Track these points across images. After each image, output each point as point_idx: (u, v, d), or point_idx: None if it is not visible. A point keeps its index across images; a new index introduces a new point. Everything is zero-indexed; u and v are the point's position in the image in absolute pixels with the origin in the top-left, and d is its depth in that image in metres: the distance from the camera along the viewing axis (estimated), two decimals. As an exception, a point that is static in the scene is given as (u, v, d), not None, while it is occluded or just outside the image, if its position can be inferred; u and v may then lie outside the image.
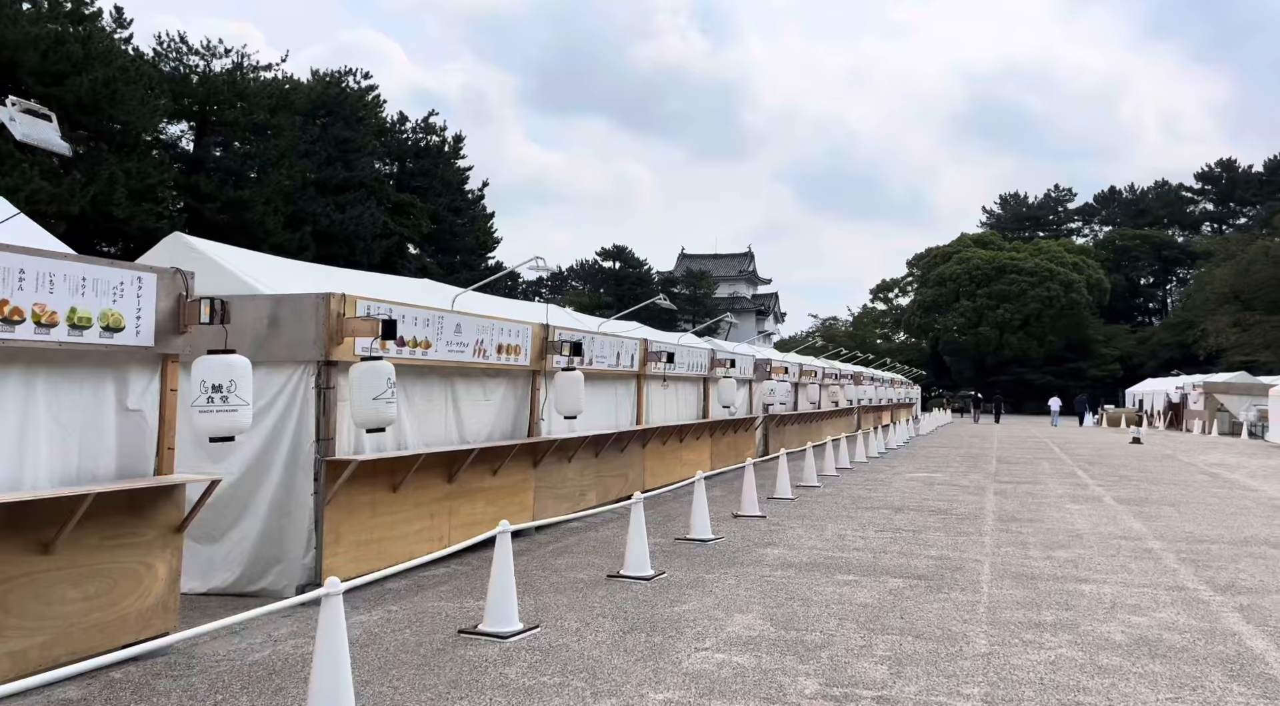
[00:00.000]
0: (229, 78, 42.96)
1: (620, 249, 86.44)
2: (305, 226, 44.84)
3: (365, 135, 49.99)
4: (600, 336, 11.82)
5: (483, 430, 9.37)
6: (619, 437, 12.33)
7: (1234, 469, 20.47)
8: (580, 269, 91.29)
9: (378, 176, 50.93)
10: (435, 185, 55.12)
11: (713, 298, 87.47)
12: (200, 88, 42.45)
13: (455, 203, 55.98)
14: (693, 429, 15.57)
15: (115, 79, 33.44)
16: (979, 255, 70.35)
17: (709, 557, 8.90)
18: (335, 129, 48.45)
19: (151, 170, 37.07)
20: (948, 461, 21.37)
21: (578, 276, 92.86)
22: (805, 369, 24.13)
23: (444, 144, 55.98)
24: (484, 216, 58.93)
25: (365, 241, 47.48)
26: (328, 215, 45.77)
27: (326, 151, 47.60)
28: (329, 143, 47.86)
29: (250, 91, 43.57)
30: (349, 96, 49.34)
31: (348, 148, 48.71)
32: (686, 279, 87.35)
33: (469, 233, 57.01)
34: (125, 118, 35.63)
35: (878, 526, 11.01)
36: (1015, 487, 15.62)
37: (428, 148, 55.69)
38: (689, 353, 15.51)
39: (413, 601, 7.06)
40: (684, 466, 15.14)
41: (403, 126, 55.57)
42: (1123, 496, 14.57)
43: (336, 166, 47.47)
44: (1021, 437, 33.40)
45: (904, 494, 14.43)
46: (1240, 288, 54.25)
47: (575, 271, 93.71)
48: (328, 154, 47.53)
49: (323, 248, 44.85)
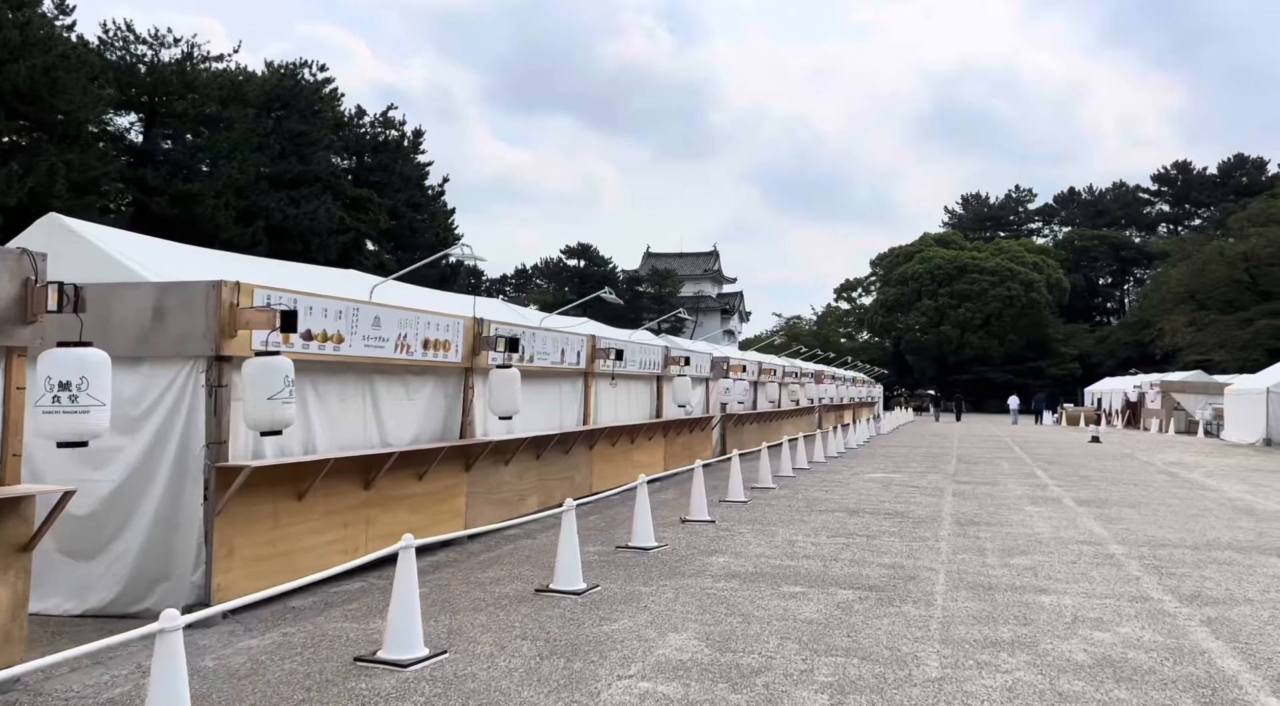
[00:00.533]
0: (178, 68, 41.66)
1: (584, 247, 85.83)
2: (258, 221, 43.68)
3: (321, 128, 48.82)
4: (542, 332, 11.18)
5: (407, 432, 8.70)
6: (563, 438, 11.70)
7: (1192, 468, 20.28)
8: (545, 267, 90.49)
9: (334, 171, 49.77)
10: (394, 180, 54.08)
11: (678, 296, 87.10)
12: (148, 78, 41.14)
13: (414, 198, 54.97)
14: (645, 429, 14.98)
15: (55, 67, 32.14)
16: (941, 255, 70.57)
17: (649, 568, 8.30)
18: (290, 122, 47.26)
19: (95, 162, 35.79)
20: (907, 461, 20.98)
21: (542, 274, 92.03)
22: (764, 367, 23.65)
23: (403, 138, 54.93)
24: (444, 212, 57.95)
25: (321, 237, 46.37)
26: (281, 210, 44.63)
27: (281, 145, 46.42)
28: (283, 136, 46.68)
29: (200, 82, 42.29)
30: (304, 89, 48.17)
31: (303, 141, 47.54)
32: (651, 277, 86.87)
33: (429, 229, 55.98)
34: (67, 107, 34.29)
35: (831, 531, 10.49)
36: (974, 488, 15.21)
37: (386, 142, 54.63)
38: (641, 350, 14.92)
39: (315, 622, 6.38)
40: (635, 468, 14.53)
41: (360, 120, 54.42)
42: (1083, 497, 14.21)
43: (291, 160, 46.33)
44: (982, 436, 33.22)
45: (861, 496, 13.95)
46: (1195, 287, 54.77)
47: (540, 270, 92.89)
48: (282, 147, 46.35)
49: (276, 243, 43.73)
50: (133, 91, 41.05)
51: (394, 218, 53.23)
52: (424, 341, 8.59)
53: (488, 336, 9.54)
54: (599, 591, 7.32)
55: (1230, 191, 77.97)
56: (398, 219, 53.44)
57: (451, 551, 9.02)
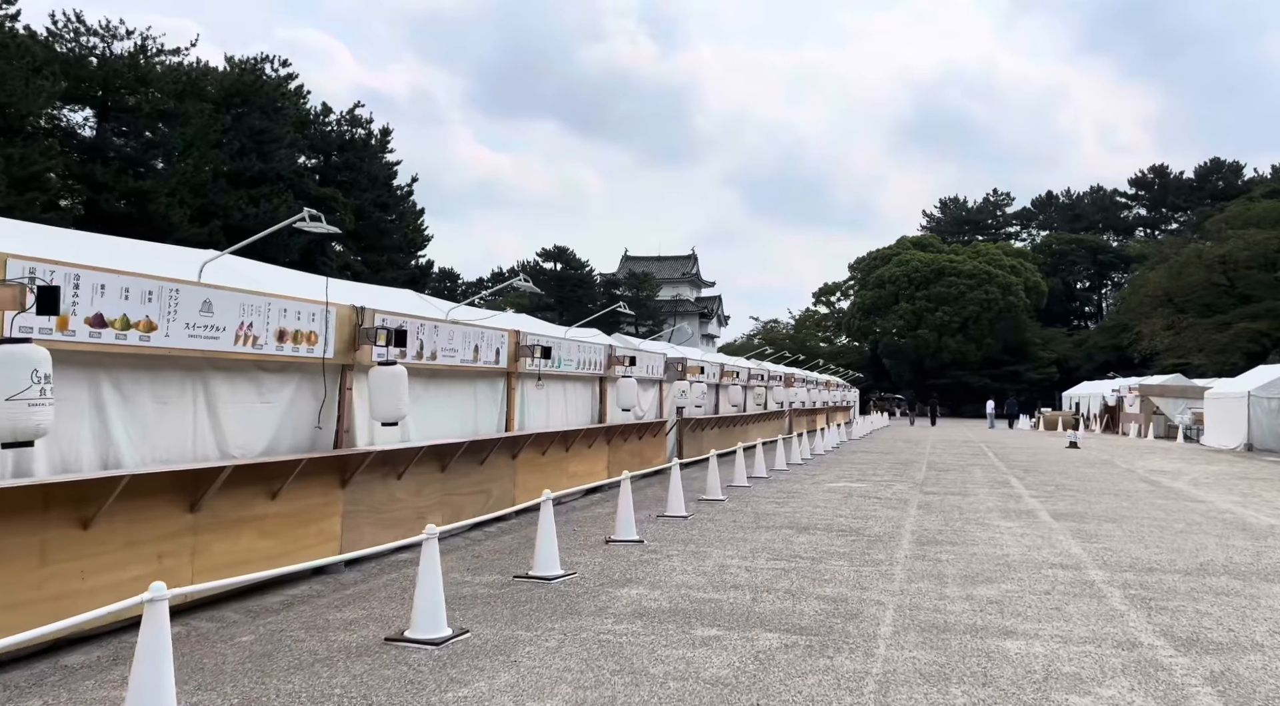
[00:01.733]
0: (131, 61, 39.93)
1: (561, 250, 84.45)
2: (215, 220, 42.00)
3: (284, 126, 47.16)
4: (449, 326, 9.75)
5: (259, 441, 7.26)
6: (477, 447, 10.28)
7: (1175, 476, 19.06)
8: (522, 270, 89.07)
9: (297, 169, 48.16)
10: (360, 180, 52.51)
11: (655, 300, 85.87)
12: (99, 71, 39.40)
13: (382, 198, 53.40)
14: (584, 435, 13.57)
15: (-8, 57, 30.46)
16: (918, 258, 69.56)
17: (542, 605, 6.89)
18: (250, 119, 45.65)
19: (37, 157, 34.09)
20: (874, 468, 19.66)
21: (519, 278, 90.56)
22: (727, 369, 22.31)
23: (370, 137, 53.35)
24: (413, 213, 56.42)
25: (282, 237, 44.65)
26: (240, 209, 42.97)
27: (240, 142, 44.78)
28: (243, 133, 45.05)
29: (154, 76, 40.62)
30: (265, 85, 46.55)
31: (264, 138, 45.91)
32: (629, 281, 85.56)
33: (397, 230, 54.44)
34: (6, 99, 32.61)
35: (772, 553, 9.11)
36: (942, 499, 13.88)
37: (353, 141, 53.05)
38: (580, 349, 13.52)
39: (93, 682, 4.94)
40: (572, 479, 13.14)
41: (327, 118, 52.81)
42: (1059, 510, 12.90)
43: (251, 158, 44.69)
44: (956, 441, 32.00)
45: (816, 508, 12.59)
46: (1173, 291, 53.87)
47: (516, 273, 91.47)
48: (241, 145, 44.71)
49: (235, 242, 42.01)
50: (84, 85, 39.31)
51: (361, 218, 51.65)
52: (279, 332, 7.16)
53: (368, 328, 8.11)
54: (464, 641, 5.89)
55: (1207, 196, 77.46)
56: (364, 219, 51.86)
57: (319, 582, 7.59)
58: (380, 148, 54.24)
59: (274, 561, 7.10)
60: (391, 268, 53.17)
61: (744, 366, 25.14)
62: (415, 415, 9.41)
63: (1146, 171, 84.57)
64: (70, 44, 39.69)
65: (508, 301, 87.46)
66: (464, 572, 8.00)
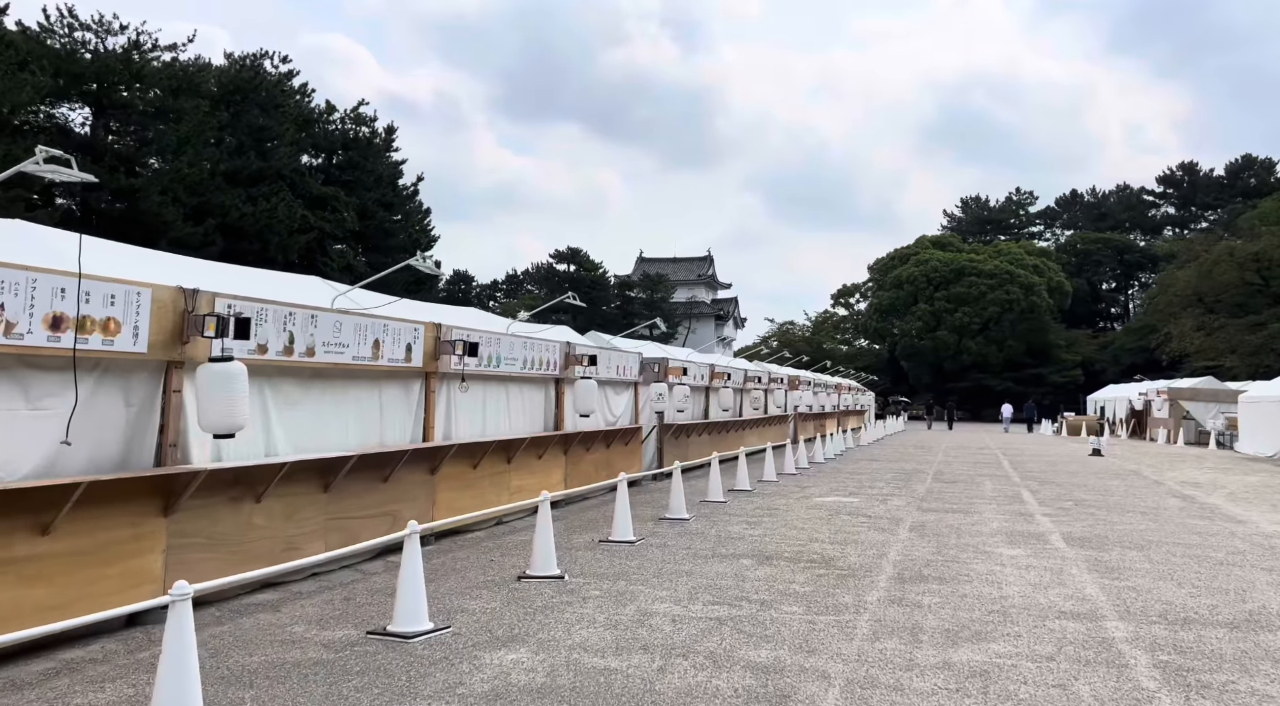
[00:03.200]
0: (124, 56, 38.85)
1: (574, 251, 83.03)
2: (211, 219, 40.82)
3: (284, 123, 45.95)
4: (332, 315, 8.08)
5: (26, 461, 5.62)
6: (376, 461, 8.63)
7: (1210, 489, 17.06)
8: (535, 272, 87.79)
9: (298, 168, 46.91)
10: (365, 179, 51.26)
11: (670, 302, 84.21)
12: (92, 66, 38.33)
13: (386, 197, 52.11)
14: (532, 444, 11.89)
15: (-26, 53, 29.38)
16: (937, 257, 67.26)
17: (375, 679, 5.19)
18: (249, 116, 44.50)
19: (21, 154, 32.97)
20: (875, 478, 17.82)
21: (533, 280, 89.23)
22: (717, 371, 20.54)
23: (374, 136, 52.10)
24: (419, 212, 55.13)
25: (280, 236, 43.47)
26: (237, 207, 41.77)
27: (239, 140, 43.63)
28: (242, 130, 43.91)
29: (149, 72, 39.54)
30: (265, 81, 45.35)
31: (263, 136, 44.77)
32: (644, 283, 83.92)
33: (401, 229, 53.15)
34: (-9, 95, 31.56)
35: (716, 593, 7.37)
36: (940, 519, 12.05)
37: (357, 139, 51.83)
38: (528, 347, 11.83)
39: None
40: (517, 493, 11.45)
41: (330, 117, 51.59)
42: (1075, 533, 11.04)
43: (250, 156, 43.52)
44: (971, 448, 29.99)
45: (792, 530, 10.82)
46: (1203, 290, 51.36)
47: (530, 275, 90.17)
48: (240, 142, 43.56)
49: (232, 242, 40.95)
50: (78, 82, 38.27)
51: (365, 217, 50.44)
52: (53, 318, 5.53)
53: (198, 315, 6.46)
54: (219, 742, 4.20)
55: (1238, 193, 74.54)
56: (368, 219, 50.63)
57: (120, 639, 5.95)
58: (385, 146, 53.00)
59: (53, 612, 5.47)
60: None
61: (739, 367, 23.37)
62: (289, 424, 7.77)
63: (1175, 169, 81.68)
64: (64, 39, 38.68)
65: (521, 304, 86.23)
66: (311, 623, 6.33)
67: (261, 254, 42.60)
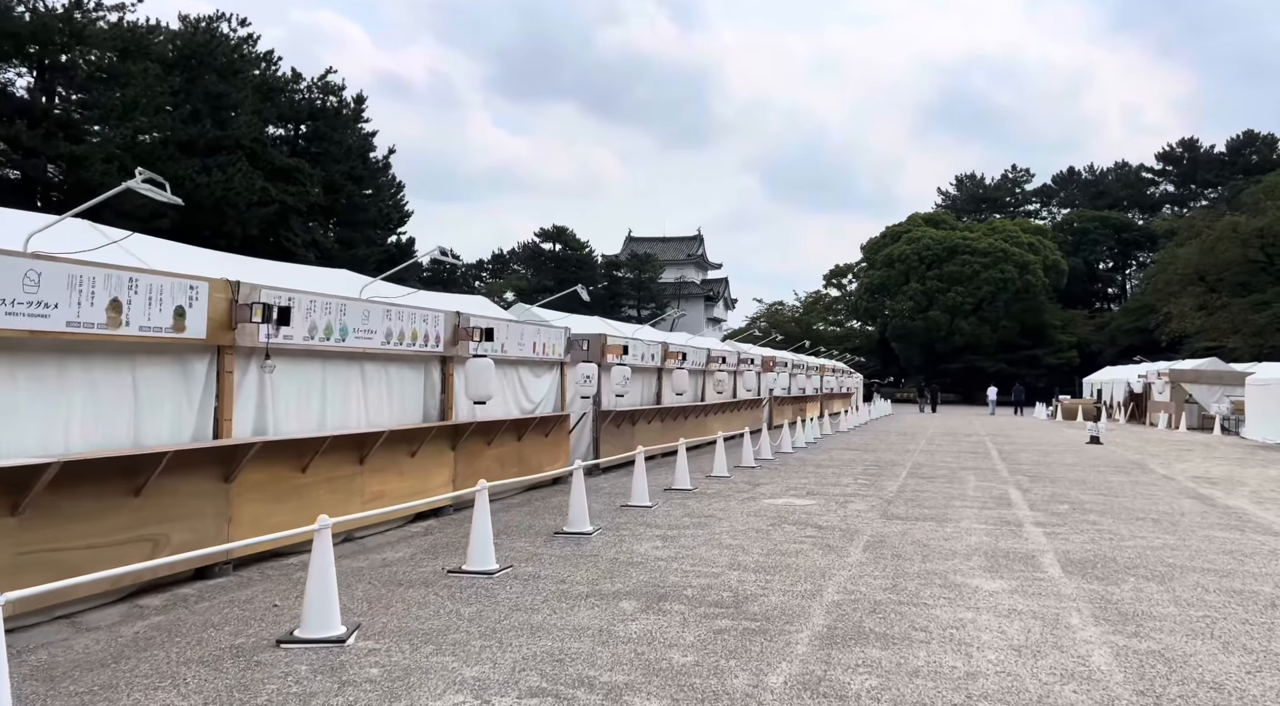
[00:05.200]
0: (65, 15, 36.08)
1: (560, 230, 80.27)
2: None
3: (243, 90, 43.24)
4: (25, 261, 5.61)
5: None
6: (121, 467, 6.19)
7: (1229, 486, 14.64)
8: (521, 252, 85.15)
9: (259, 138, 44.22)
10: (333, 151, 48.64)
11: (659, 282, 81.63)
12: (30, 26, 35.57)
13: (356, 170, 49.46)
14: (401, 439, 9.45)
15: None
16: (930, 235, 64.55)
17: None
18: (205, 82, 41.77)
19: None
20: (844, 472, 15.40)
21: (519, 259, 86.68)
22: (670, 350, 18.08)
23: (342, 105, 49.39)
24: (392, 186, 52.47)
25: (239, 210, 40.89)
26: (191, 178, 39.11)
27: (194, 107, 40.96)
28: (197, 97, 41.21)
29: (92, 33, 36.80)
30: (221, 45, 42.57)
31: (221, 103, 42.06)
32: (631, 262, 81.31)
33: (372, 204, 50.54)
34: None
35: (549, 670, 4.94)
36: (907, 531, 9.62)
37: (324, 109, 49.10)
38: (393, 316, 9.36)
39: None
40: (373, 501, 8.99)
41: (297, 85, 48.83)
42: (1075, 552, 8.61)
43: (205, 123, 40.87)
44: (958, 435, 27.57)
45: (712, 550, 8.39)
46: (1205, 268, 48.82)
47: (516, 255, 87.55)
48: (195, 109, 40.89)
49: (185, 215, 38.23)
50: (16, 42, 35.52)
51: (333, 191, 47.86)
52: None
53: None
54: None
55: (1239, 170, 71.70)
56: (336, 192, 48.05)
57: None
58: (354, 117, 50.32)
59: None
60: (366, 244, 49.26)
61: (700, 347, 20.90)
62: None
63: (1175, 146, 78.77)
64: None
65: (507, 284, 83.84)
66: None
67: (218, 228, 40.09)
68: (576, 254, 78.47)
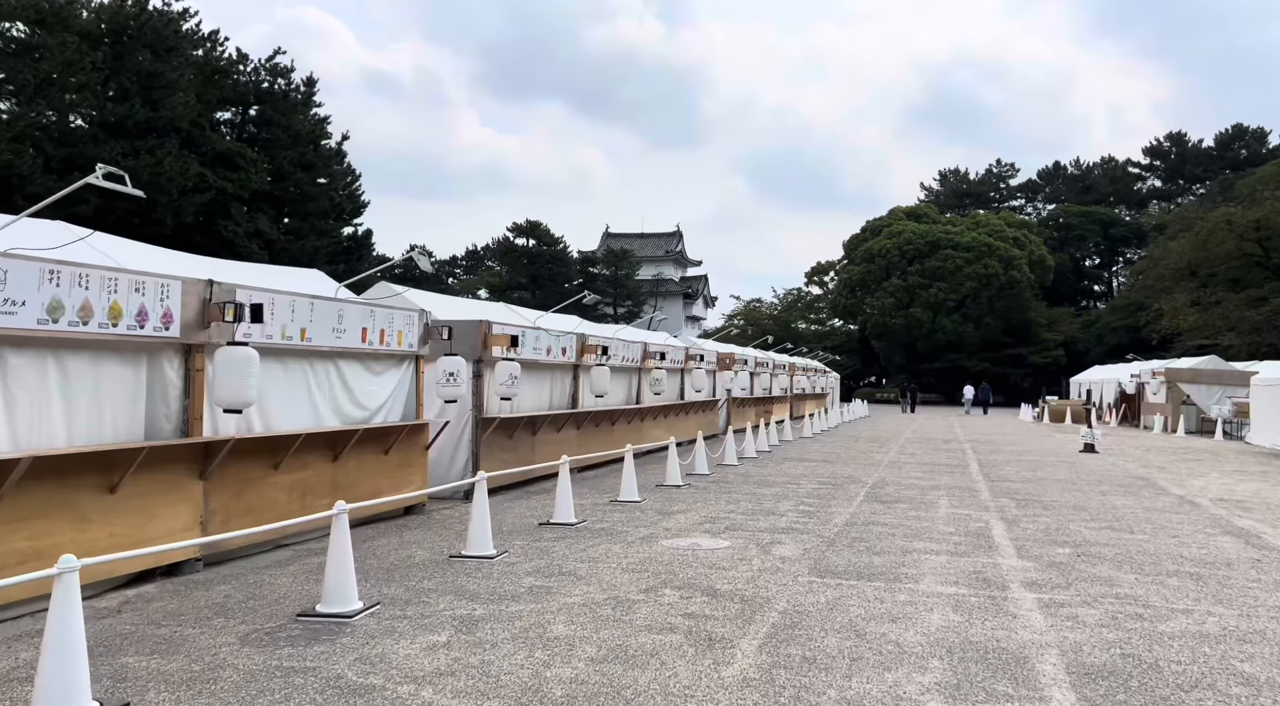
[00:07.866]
0: (-31, -18, 32.70)
1: (534, 225, 76.87)
2: (79, 174, 34.62)
3: (179, 69, 39.85)
4: None
5: None
6: None
7: (1266, 513, 11.51)
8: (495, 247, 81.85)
9: (196, 121, 40.80)
10: (280, 136, 45.27)
11: (636, 279, 78.40)
12: (-71, -7, 32.19)
13: (306, 157, 46.04)
14: (94, 466, 6.25)
15: None
16: (911, 229, 61.46)
17: None
18: (135, 59, 38.36)
19: None
20: (786, 494, 12.23)
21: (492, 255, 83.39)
22: (589, 344, 14.90)
23: (291, 88, 46.03)
24: (347, 175, 49.09)
25: (171, 196, 37.52)
26: (115, 161, 35.58)
27: (124, 85, 37.60)
28: (128, 75, 37.83)
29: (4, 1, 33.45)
30: (152, 19, 39.14)
31: (154, 83, 38.65)
32: (607, 258, 78.07)
33: (324, 193, 47.08)
34: None
35: None
36: (837, 600, 6.45)
37: (272, 92, 45.74)
38: (82, 284, 6.14)
39: None
40: (28, 562, 5.78)
41: (243, 66, 45.45)
42: (1089, 653, 5.45)
43: (134, 103, 37.50)
44: (935, 440, 24.46)
45: (509, 662, 5.21)
46: (1198, 262, 45.89)
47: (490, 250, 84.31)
48: (124, 88, 37.53)
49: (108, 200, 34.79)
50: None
51: (281, 179, 44.50)
52: None
53: None
54: None
55: (1228, 165, 68.93)
56: (284, 180, 44.68)
57: None
58: (304, 101, 46.90)
59: None
60: (316, 235, 45.88)
61: (633, 339, 17.73)
62: None
63: (1163, 140, 75.88)
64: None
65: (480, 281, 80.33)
66: None
67: (147, 215, 36.77)
68: (550, 249, 75.21)
